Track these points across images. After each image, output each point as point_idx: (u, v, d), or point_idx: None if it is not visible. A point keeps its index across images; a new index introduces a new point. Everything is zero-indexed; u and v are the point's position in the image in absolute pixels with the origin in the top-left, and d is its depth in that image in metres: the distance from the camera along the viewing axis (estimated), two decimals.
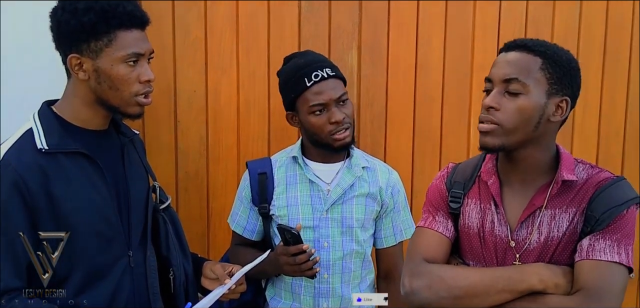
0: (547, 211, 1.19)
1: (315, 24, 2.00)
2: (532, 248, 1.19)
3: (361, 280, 1.62)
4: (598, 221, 1.13)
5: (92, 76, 1.21)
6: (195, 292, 1.45)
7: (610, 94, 2.20)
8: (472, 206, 1.30)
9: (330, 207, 1.56)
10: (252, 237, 1.65)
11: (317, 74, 1.49)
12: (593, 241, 1.12)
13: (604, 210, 1.13)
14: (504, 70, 1.16)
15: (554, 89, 1.15)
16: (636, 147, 2.25)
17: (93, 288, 1.23)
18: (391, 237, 1.65)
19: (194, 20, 1.95)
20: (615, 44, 2.18)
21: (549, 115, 1.16)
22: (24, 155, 1.17)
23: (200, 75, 1.98)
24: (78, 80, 1.23)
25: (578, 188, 1.19)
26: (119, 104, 1.24)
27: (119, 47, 1.20)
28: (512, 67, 1.15)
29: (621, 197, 1.14)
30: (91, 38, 1.19)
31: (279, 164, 1.63)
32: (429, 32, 2.07)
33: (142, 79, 1.24)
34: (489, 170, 1.29)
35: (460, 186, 1.33)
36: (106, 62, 1.20)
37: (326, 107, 1.50)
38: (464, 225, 1.31)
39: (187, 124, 2.00)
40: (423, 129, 2.11)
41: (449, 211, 1.32)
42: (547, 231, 1.18)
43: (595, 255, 1.11)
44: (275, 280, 1.64)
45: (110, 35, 1.19)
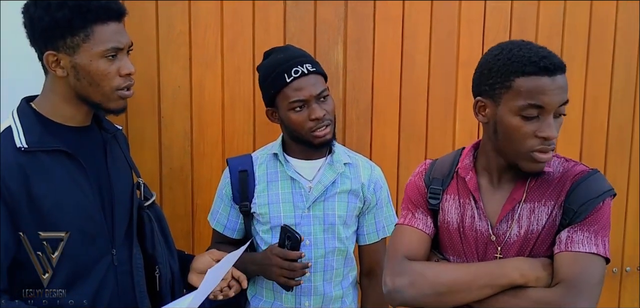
0: (526, 204, 1.21)
1: (301, 18, 1.99)
2: (512, 242, 1.21)
3: (343, 278, 1.62)
4: (576, 213, 1.15)
5: (71, 72, 1.18)
6: (181, 290, 1.44)
7: (594, 90, 2.22)
8: (451, 202, 1.30)
9: (312, 204, 1.55)
10: (233, 235, 1.64)
11: (296, 69, 1.47)
12: (571, 233, 1.14)
13: (581, 202, 1.15)
14: (561, 97, 1.13)
15: None
16: (619, 142, 2.27)
17: (76, 287, 1.22)
18: (374, 234, 1.64)
19: (177, 15, 1.93)
20: (599, 41, 2.19)
21: None
22: (3, 155, 1.14)
23: (185, 70, 1.96)
24: (56, 77, 1.20)
25: (556, 182, 1.20)
26: (100, 99, 1.22)
27: (96, 42, 1.17)
28: (564, 92, 1.13)
29: (597, 190, 1.16)
30: (67, 34, 1.16)
31: (260, 161, 1.61)
32: (415, 28, 2.06)
33: (122, 73, 1.21)
34: (466, 166, 1.29)
35: (439, 182, 1.33)
36: (84, 58, 1.17)
37: (306, 104, 1.48)
38: (443, 221, 1.31)
39: (171, 119, 1.98)
40: (409, 124, 2.11)
41: (428, 207, 1.32)
42: (527, 224, 1.20)
43: (573, 247, 1.13)
44: (256, 279, 1.62)
45: (86, 30, 1.16)
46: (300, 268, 1.43)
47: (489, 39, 2.07)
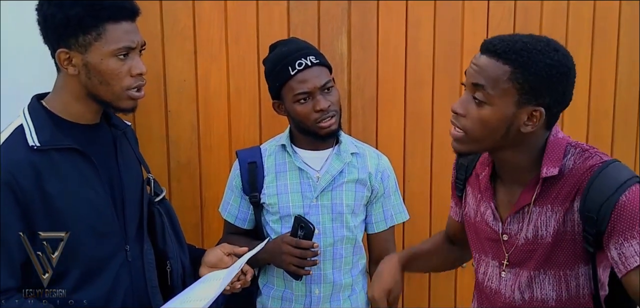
0: (535, 208, 1.13)
1: (304, 9, 1.99)
2: (521, 245, 1.16)
3: (353, 266, 1.63)
4: (598, 221, 1.03)
5: (82, 71, 1.18)
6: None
7: (600, 74, 2.21)
8: (471, 195, 1.29)
9: (320, 193, 1.56)
10: (244, 225, 1.66)
11: (300, 62, 1.49)
12: (618, 248, 1.01)
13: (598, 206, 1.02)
14: (473, 76, 1.08)
15: (524, 99, 1.05)
16: (625, 126, 2.27)
17: (91, 284, 1.22)
18: (382, 222, 1.65)
19: (182, 9, 1.94)
20: (604, 24, 2.18)
21: (519, 126, 1.07)
22: (15, 154, 1.14)
23: (190, 63, 1.97)
24: (68, 75, 1.20)
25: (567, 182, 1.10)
26: (110, 98, 1.22)
27: (108, 41, 1.17)
28: (479, 74, 1.07)
29: (611, 185, 1.02)
30: (79, 32, 1.15)
31: (268, 153, 1.63)
32: (419, 16, 2.06)
33: (133, 73, 1.21)
34: (485, 160, 1.25)
35: (463, 171, 1.32)
36: (95, 57, 1.17)
37: (311, 95, 1.49)
38: (465, 213, 1.31)
39: (178, 113, 1.99)
40: (414, 113, 2.11)
41: (457, 194, 1.32)
42: (535, 229, 1.13)
43: (631, 264, 1.01)
44: (268, 268, 1.64)
45: (98, 29, 1.16)
46: (311, 256, 1.44)
47: (493, 26, 2.07)
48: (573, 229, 1.09)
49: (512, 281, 1.19)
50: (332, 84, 1.53)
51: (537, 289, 1.15)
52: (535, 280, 1.15)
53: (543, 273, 1.14)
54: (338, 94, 1.55)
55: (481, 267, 1.27)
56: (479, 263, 1.28)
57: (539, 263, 1.14)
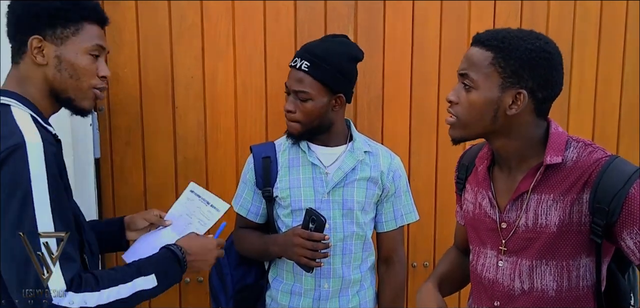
0: (533, 195, 1.16)
1: (311, 8, 2.00)
2: (521, 233, 1.18)
3: (362, 262, 1.64)
4: (609, 212, 1.06)
5: (52, 62, 1.20)
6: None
7: (606, 72, 2.21)
8: (470, 190, 1.31)
9: (332, 189, 1.57)
10: (256, 219, 1.67)
11: (295, 60, 1.54)
12: (634, 238, 1.05)
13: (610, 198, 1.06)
14: (460, 66, 1.19)
15: (508, 83, 1.12)
16: (632, 124, 2.27)
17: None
18: (392, 222, 1.66)
19: (190, 6, 1.95)
20: (611, 23, 2.18)
21: (505, 109, 1.13)
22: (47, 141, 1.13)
23: (197, 61, 1.98)
24: (33, 66, 1.20)
25: (570, 174, 1.13)
26: (75, 95, 1.24)
27: (85, 38, 1.22)
28: (465, 62, 1.18)
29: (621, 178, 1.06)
30: (58, 24, 1.19)
31: (282, 148, 1.65)
32: (425, 14, 2.07)
33: (100, 73, 1.26)
34: (484, 154, 1.29)
35: (464, 170, 1.35)
36: (70, 51, 1.21)
37: (288, 93, 1.57)
38: (465, 210, 1.33)
39: (185, 110, 2.00)
40: (420, 110, 2.12)
41: (458, 194, 1.36)
42: (534, 216, 1.15)
43: None
44: (278, 262, 1.65)
45: (77, 24, 1.21)
46: (322, 248, 1.45)
47: (499, 25, 2.07)
48: (580, 220, 1.11)
49: (510, 269, 1.20)
50: (307, 97, 1.51)
51: (537, 279, 1.17)
52: (536, 269, 1.17)
53: (545, 263, 1.16)
54: (314, 111, 1.52)
55: (480, 260, 1.29)
56: (478, 257, 1.30)
57: (541, 252, 1.15)
